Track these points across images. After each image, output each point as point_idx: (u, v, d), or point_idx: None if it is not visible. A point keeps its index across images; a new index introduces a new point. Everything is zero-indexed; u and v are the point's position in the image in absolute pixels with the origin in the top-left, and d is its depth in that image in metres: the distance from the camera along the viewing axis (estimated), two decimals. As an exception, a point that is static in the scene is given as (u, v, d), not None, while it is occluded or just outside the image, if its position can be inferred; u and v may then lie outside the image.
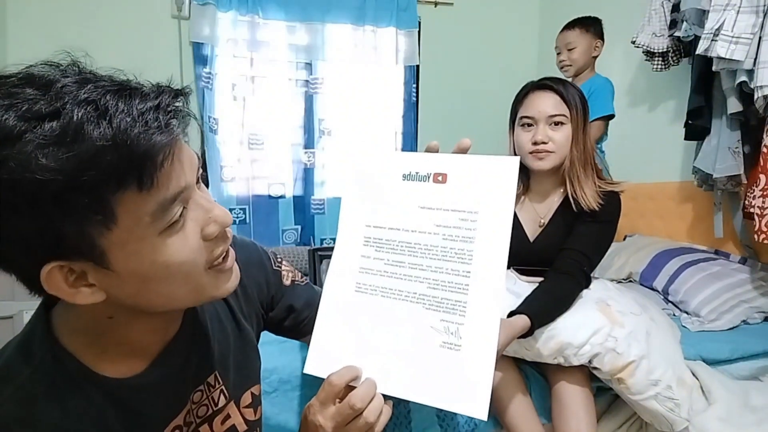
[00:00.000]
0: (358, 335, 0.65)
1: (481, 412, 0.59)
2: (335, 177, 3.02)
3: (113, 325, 0.53)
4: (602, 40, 2.27)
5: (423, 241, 0.64)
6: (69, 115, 0.41)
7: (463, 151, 0.67)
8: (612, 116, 2.18)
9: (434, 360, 0.61)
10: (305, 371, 0.65)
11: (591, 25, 2.26)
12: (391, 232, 0.66)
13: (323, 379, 0.62)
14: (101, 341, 0.54)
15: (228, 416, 0.68)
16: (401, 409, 1.18)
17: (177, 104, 0.47)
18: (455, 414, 1.20)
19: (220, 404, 0.67)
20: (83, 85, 0.43)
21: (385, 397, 0.61)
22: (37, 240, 0.43)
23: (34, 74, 0.44)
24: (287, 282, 0.81)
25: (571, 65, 2.26)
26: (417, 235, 0.65)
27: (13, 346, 0.54)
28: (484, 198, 0.63)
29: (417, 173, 0.66)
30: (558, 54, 2.33)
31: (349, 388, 0.60)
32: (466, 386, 0.60)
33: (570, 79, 2.26)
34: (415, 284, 0.64)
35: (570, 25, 2.30)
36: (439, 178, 0.65)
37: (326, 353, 0.65)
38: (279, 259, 0.82)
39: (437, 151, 0.68)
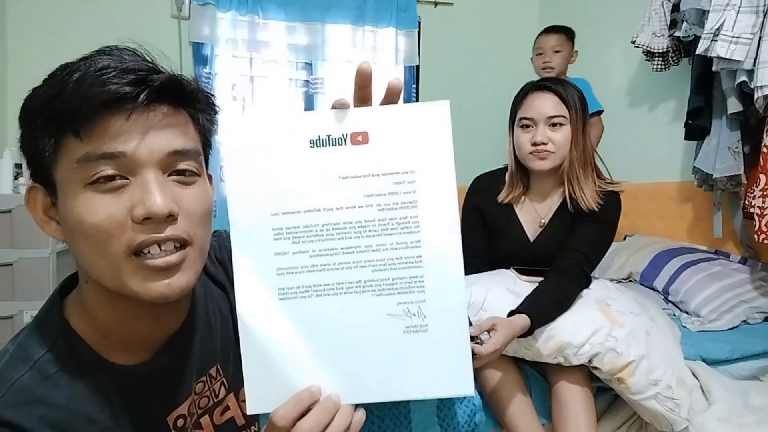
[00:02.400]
0: (299, 350, 0.54)
1: (467, 389, 0.54)
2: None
3: (95, 298, 0.54)
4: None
5: (354, 218, 0.54)
6: (73, 66, 0.49)
7: (395, 94, 0.56)
8: (601, 111, 2.25)
9: (401, 349, 0.54)
10: (249, 412, 0.54)
11: (571, 34, 2.36)
12: (309, 215, 0.54)
13: None
14: (101, 326, 0.55)
15: (227, 408, 0.69)
16: (401, 409, 1.18)
17: (143, 74, 0.49)
18: (455, 413, 1.20)
19: (221, 396, 0.68)
20: (114, 54, 0.51)
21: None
22: (28, 147, 0.52)
23: (106, 47, 0.52)
24: None
25: (554, 68, 2.31)
26: (344, 212, 0.54)
27: (29, 329, 0.56)
28: (419, 153, 0.54)
29: (329, 136, 0.54)
30: (540, 55, 2.38)
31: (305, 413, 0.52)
32: (445, 367, 0.54)
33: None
34: (356, 271, 0.54)
35: (554, 30, 2.36)
36: (359, 138, 0.54)
37: (267, 383, 0.54)
38: None
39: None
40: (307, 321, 0.54)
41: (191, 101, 0.55)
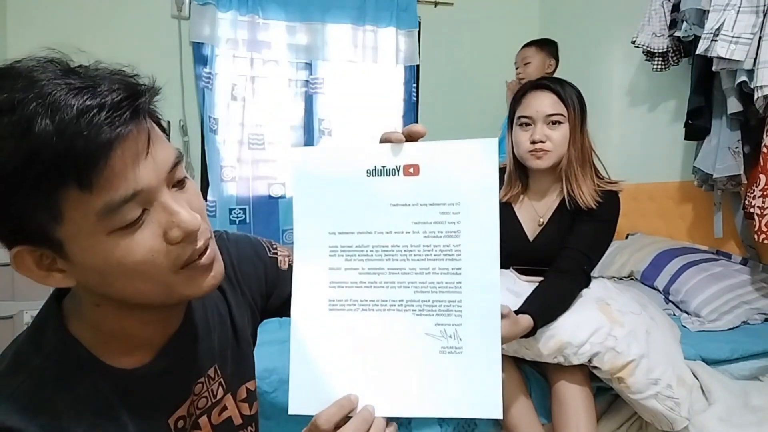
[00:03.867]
0: (342, 359, 0.59)
1: (496, 412, 0.56)
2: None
3: (104, 315, 0.54)
4: (556, 60, 2.52)
5: (402, 243, 0.59)
6: (23, 110, 0.42)
7: (415, 137, 0.60)
8: None
9: (436, 368, 0.57)
10: (290, 412, 0.58)
11: (546, 46, 2.51)
12: (362, 236, 0.60)
13: None
14: (104, 332, 0.55)
15: (225, 408, 0.69)
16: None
17: (127, 103, 0.45)
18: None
19: (219, 396, 0.68)
20: (52, 81, 0.43)
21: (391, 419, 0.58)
22: (1, 224, 0.46)
23: (13, 68, 0.44)
24: (284, 266, 0.81)
25: (524, 78, 2.44)
26: (393, 236, 0.59)
27: (25, 336, 0.55)
28: (465, 187, 0.58)
29: (384, 167, 0.59)
30: (516, 68, 2.56)
31: (344, 420, 0.55)
32: (476, 389, 0.57)
33: None
34: (400, 291, 0.59)
35: (528, 44, 2.54)
36: (411, 170, 0.59)
37: (310, 387, 0.58)
38: (274, 246, 0.82)
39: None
40: (351, 332, 0.59)
41: (147, 104, 0.50)
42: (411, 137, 0.59)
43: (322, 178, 0.60)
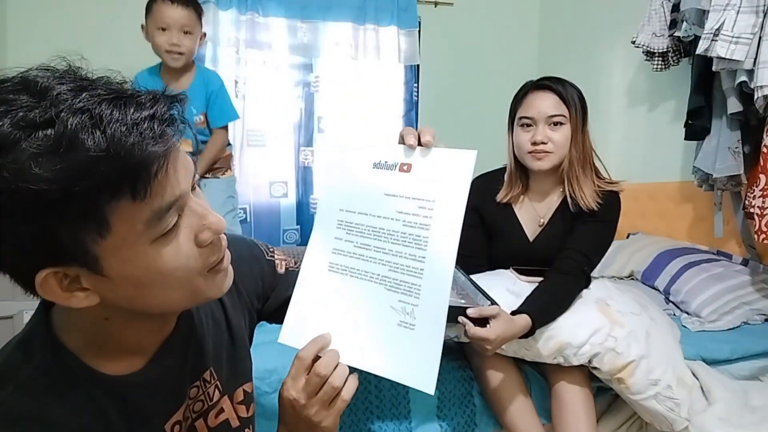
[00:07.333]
0: (327, 311, 0.70)
1: (429, 387, 0.64)
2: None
3: (110, 325, 0.53)
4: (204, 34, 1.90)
5: (386, 227, 0.69)
6: (63, 124, 0.40)
7: (423, 142, 0.69)
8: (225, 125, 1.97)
9: (392, 337, 0.67)
10: (279, 341, 0.71)
11: (201, 12, 1.85)
12: (361, 216, 0.71)
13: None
14: (99, 340, 0.54)
15: (222, 410, 0.68)
16: (401, 410, 1.18)
17: (172, 112, 0.47)
18: (455, 414, 1.20)
19: (215, 399, 0.68)
20: (79, 93, 0.43)
21: (351, 370, 0.66)
22: (31, 247, 0.43)
23: (29, 80, 0.43)
24: (281, 270, 0.82)
25: (183, 53, 1.80)
26: (381, 220, 0.69)
27: (14, 345, 0.54)
28: (441, 188, 0.67)
29: (386, 162, 0.70)
30: (162, 31, 1.77)
31: (317, 360, 0.64)
32: (418, 362, 0.65)
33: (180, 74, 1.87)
34: (379, 266, 0.69)
35: (184, 3, 1.78)
36: (405, 167, 0.69)
37: (299, 326, 0.70)
38: (271, 249, 0.83)
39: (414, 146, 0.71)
40: (338, 292, 0.71)
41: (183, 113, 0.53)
42: (420, 137, 0.68)
43: (341, 166, 0.73)
